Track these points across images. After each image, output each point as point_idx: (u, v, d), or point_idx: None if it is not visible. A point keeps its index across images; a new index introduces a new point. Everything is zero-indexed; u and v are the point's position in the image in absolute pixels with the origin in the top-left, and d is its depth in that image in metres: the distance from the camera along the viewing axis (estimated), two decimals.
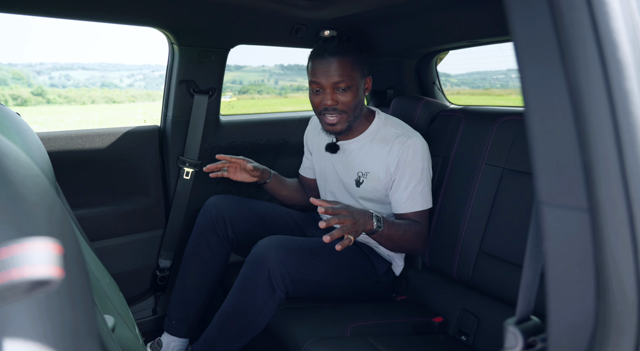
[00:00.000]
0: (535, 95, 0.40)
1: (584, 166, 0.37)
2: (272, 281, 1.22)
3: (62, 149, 1.44)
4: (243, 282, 1.24)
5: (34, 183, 0.41)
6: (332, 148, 1.50)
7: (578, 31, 0.37)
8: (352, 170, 1.46)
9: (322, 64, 1.35)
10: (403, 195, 1.38)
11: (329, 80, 1.34)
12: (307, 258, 1.28)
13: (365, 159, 1.44)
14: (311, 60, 1.40)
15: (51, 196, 0.42)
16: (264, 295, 1.22)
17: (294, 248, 1.27)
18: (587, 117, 0.37)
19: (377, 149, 1.42)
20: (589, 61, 0.36)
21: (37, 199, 0.39)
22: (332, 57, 1.34)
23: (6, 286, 0.24)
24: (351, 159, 1.47)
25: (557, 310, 0.41)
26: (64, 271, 0.25)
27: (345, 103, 1.37)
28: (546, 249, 0.41)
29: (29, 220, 0.35)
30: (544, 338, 0.47)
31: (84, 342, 0.33)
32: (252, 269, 1.23)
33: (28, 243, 0.24)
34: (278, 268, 1.22)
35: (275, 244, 1.25)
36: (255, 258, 1.24)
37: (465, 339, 1.31)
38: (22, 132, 0.84)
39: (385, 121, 1.47)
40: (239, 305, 1.24)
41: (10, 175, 0.38)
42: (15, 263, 0.24)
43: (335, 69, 1.33)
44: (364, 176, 1.44)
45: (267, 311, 1.24)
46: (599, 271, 0.37)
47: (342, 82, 1.34)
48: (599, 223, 0.36)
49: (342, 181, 1.49)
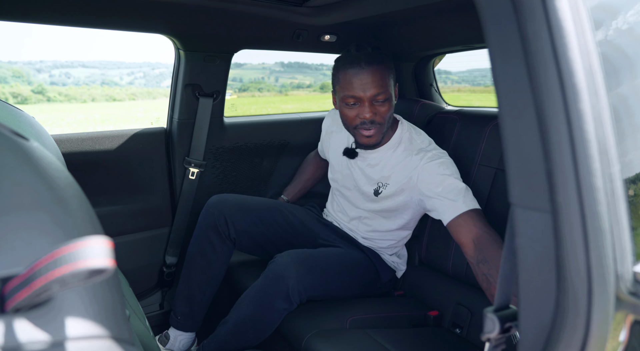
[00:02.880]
0: (508, 114, 0.46)
1: (547, 173, 0.43)
2: (290, 298, 1.24)
3: (73, 151, 1.50)
4: (261, 296, 1.25)
5: (73, 188, 0.48)
6: (350, 154, 1.45)
7: (540, 58, 0.43)
8: (371, 179, 1.43)
9: (359, 75, 1.25)
10: (442, 201, 1.24)
11: (367, 92, 1.26)
12: (324, 275, 1.31)
13: (386, 169, 1.39)
14: (343, 70, 1.29)
15: (83, 197, 0.49)
16: (280, 308, 1.25)
17: (313, 266, 1.28)
18: (550, 132, 0.43)
19: (399, 160, 1.37)
20: (550, 85, 0.42)
21: (77, 202, 0.46)
22: (369, 67, 1.25)
23: (71, 274, 0.30)
24: (372, 169, 1.43)
25: (527, 298, 0.47)
26: (116, 262, 0.32)
27: (382, 115, 1.29)
28: (517, 246, 0.48)
29: (75, 222, 0.42)
30: (517, 324, 0.54)
31: (121, 323, 0.40)
32: (271, 286, 1.24)
33: (88, 240, 0.30)
34: (297, 286, 1.23)
35: (296, 262, 1.25)
36: (275, 274, 1.24)
37: (460, 331, 1.37)
38: (40, 135, 0.90)
39: (409, 130, 1.42)
40: (256, 316, 1.25)
41: (55, 182, 0.44)
42: (78, 256, 0.30)
43: (373, 80, 1.25)
44: (383, 187, 1.40)
45: (280, 319, 1.28)
46: (559, 264, 0.43)
47: (381, 95, 1.26)
48: (558, 223, 0.43)
49: (360, 188, 1.46)
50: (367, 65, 1.25)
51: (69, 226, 0.41)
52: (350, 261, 1.41)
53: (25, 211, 0.36)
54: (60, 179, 0.47)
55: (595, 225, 0.40)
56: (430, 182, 1.29)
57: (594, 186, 0.40)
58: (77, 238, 0.36)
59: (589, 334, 0.41)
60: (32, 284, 0.30)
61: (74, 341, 0.33)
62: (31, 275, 0.30)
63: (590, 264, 0.40)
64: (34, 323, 0.31)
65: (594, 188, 0.40)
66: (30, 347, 0.31)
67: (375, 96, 1.27)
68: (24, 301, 0.31)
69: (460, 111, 1.65)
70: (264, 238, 1.52)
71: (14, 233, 0.34)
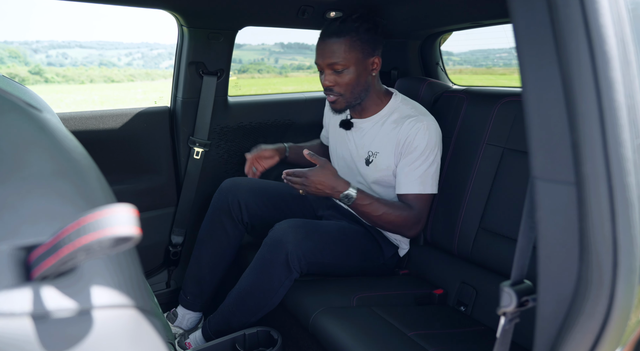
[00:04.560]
0: (532, 82, 0.45)
1: (573, 144, 0.43)
2: (289, 263, 1.26)
3: (77, 129, 1.49)
4: (261, 263, 1.29)
5: (85, 157, 0.47)
6: (346, 125, 1.52)
7: (571, 25, 0.41)
8: (363, 149, 1.49)
9: (320, 45, 1.37)
10: (402, 175, 1.39)
11: (324, 61, 1.36)
12: (322, 241, 1.33)
13: (376, 138, 1.45)
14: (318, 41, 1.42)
15: (97, 170, 0.48)
16: (280, 276, 1.27)
17: (310, 232, 1.32)
18: (577, 102, 0.42)
19: (388, 129, 1.43)
20: (580, 53, 0.41)
21: (94, 173, 0.45)
22: (329, 39, 1.35)
23: (98, 242, 0.29)
24: (363, 138, 1.49)
25: (547, 271, 0.47)
26: (142, 230, 0.31)
27: (342, 84, 1.38)
28: (538, 219, 0.47)
29: (94, 192, 0.41)
30: (534, 298, 0.54)
31: (145, 293, 0.40)
32: (270, 252, 1.27)
33: (113, 208, 0.30)
34: (295, 252, 1.26)
35: (293, 228, 1.29)
36: (274, 240, 1.28)
37: (464, 309, 1.39)
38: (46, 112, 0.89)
39: (402, 102, 1.48)
40: (256, 284, 1.29)
41: (73, 155, 0.43)
42: (105, 224, 0.29)
43: (330, 50, 1.34)
44: (373, 155, 1.46)
45: (283, 290, 1.30)
46: (582, 236, 0.42)
47: (337, 64, 1.35)
48: (583, 195, 0.42)
49: (354, 159, 1.52)
50: (327, 37, 1.35)
51: (90, 196, 0.40)
52: (350, 231, 1.43)
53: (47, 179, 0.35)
54: (75, 151, 0.46)
55: (623, 197, 0.40)
56: (405, 150, 1.39)
57: (623, 157, 0.39)
58: (98, 207, 0.35)
59: (612, 306, 0.40)
60: (58, 252, 0.30)
61: (100, 310, 0.33)
62: (57, 243, 0.30)
63: (617, 236, 0.40)
64: (61, 291, 0.31)
65: (623, 158, 0.39)
66: (58, 315, 0.31)
67: (332, 65, 1.35)
68: (50, 269, 0.31)
69: (467, 90, 1.63)
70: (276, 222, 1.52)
71: (37, 200, 0.33)
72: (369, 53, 1.38)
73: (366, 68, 1.40)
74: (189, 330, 1.53)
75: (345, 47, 1.34)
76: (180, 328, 1.54)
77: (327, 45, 1.35)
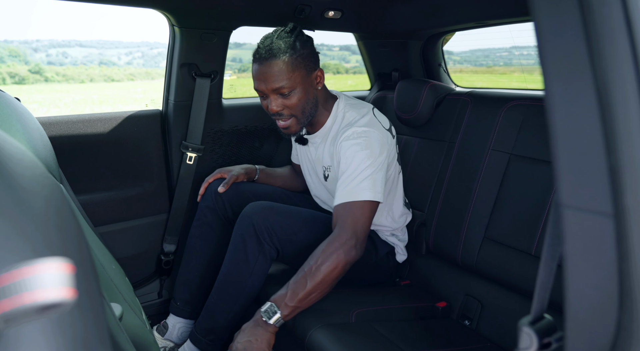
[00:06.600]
0: (559, 95, 0.39)
1: (610, 170, 0.36)
2: (258, 235, 1.25)
3: (64, 134, 1.43)
4: (233, 241, 1.29)
5: (41, 185, 0.40)
6: (301, 141, 1.45)
7: (609, 27, 0.35)
8: (318, 164, 1.44)
9: (259, 69, 1.24)
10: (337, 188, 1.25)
11: (268, 87, 1.24)
12: (293, 219, 1.30)
13: (325, 153, 1.40)
14: (253, 61, 1.28)
15: (58, 196, 0.41)
16: (253, 250, 1.25)
17: (278, 208, 1.30)
18: (616, 119, 0.35)
19: (330, 145, 1.37)
20: (620, 59, 0.34)
21: (44, 203, 0.38)
22: (267, 61, 1.22)
23: (19, 310, 0.23)
24: (317, 153, 1.44)
25: (576, 316, 0.40)
26: (76, 292, 0.25)
27: (291, 107, 1.27)
28: (566, 253, 0.40)
29: (38, 228, 0.34)
30: (558, 338, 0.47)
31: None
32: (240, 227, 1.27)
33: (39, 265, 0.23)
34: (262, 222, 1.24)
35: (260, 204, 1.30)
36: (242, 216, 1.28)
37: (469, 324, 1.32)
38: (23, 119, 0.82)
39: (345, 108, 1.37)
40: (232, 265, 1.28)
41: (17, 180, 0.37)
42: (27, 286, 0.23)
43: (272, 74, 1.22)
44: (327, 170, 1.41)
45: (259, 268, 1.27)
46: (623, 279, 0.36)
47: (283, 88, 1.23)
48: (624, 230, 0.35)
49: (317, 173, 1.47)
50: (265, 59, 1.22)
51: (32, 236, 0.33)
52: (323, 217, 1.37)
53: None
54: (24, 176, 0.39)
55: None
56: (342, 161, 1.26)
57: None
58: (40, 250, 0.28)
59: None
60: None
61: None
62: None
63: None
64: None
65: None
66: None
67: (278, 90, 1.24)
68: None
69: (472, 93, 1.56)
70: None
71: None
72: (311, 68, 1.28)
73: (312, 84, 1.30)
74: (180, 343, 1.47)
75: (288, 67, 1.22)
76: (170, 340, 1.47)
77: (267, 69, 1.22)
